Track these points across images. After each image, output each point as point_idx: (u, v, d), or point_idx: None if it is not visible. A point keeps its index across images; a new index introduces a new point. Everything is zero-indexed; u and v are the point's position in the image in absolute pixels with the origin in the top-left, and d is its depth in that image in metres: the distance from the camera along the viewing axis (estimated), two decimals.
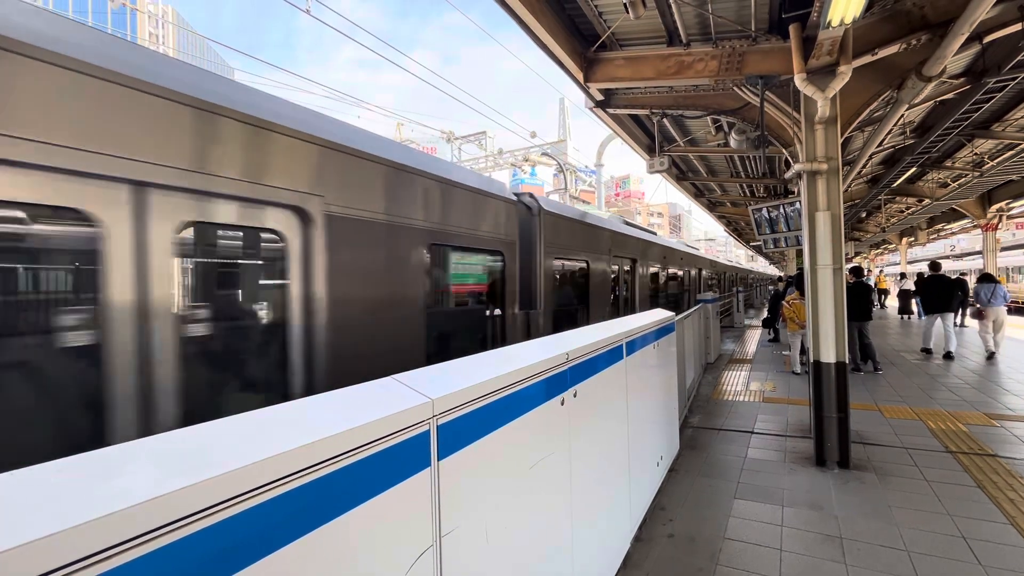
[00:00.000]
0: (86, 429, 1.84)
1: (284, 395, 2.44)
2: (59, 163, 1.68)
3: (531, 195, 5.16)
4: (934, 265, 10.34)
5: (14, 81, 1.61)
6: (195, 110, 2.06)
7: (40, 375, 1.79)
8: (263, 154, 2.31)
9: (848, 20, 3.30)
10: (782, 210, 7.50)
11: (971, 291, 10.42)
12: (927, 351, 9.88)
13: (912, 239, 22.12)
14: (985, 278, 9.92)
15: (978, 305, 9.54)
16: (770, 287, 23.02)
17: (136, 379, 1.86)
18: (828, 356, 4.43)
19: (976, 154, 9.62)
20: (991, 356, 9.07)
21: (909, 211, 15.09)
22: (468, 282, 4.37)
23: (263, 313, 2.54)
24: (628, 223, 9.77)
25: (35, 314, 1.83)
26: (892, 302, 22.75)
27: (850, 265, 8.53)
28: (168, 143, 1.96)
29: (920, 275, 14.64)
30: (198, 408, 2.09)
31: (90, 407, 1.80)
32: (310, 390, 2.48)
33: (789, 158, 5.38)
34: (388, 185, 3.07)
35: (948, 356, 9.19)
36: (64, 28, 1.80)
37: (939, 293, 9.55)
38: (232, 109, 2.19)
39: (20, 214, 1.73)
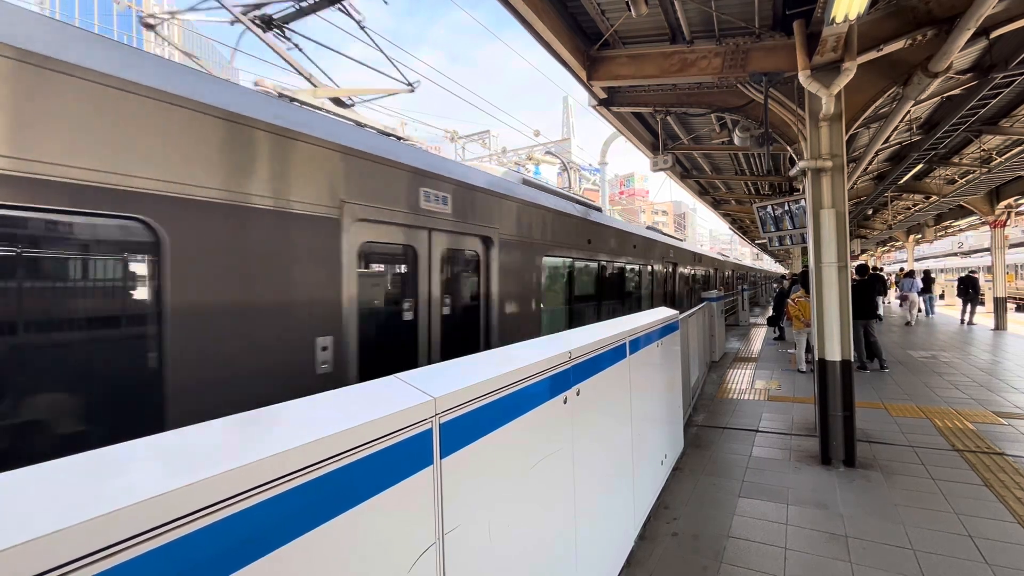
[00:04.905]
0: None
1: None
2: None
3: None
4: (873, 266, 17.46)
5: None
6: None
7: None
8: None
9: (852, 16, 3.27)
10: (787, 208, 7.47)
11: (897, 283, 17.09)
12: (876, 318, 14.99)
13: (919, 236, 21.92)
14: (907, 274, 15.56)
15: (902, 292, 15.40)
16: (774, 284, 22.95)
17: None
18: (833, 354, 4.40)
19: (984, 150, 9.52)
20: (909, 324, 14.34)
21: (916, 208, 15.02)
22: None
23: None
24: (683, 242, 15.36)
25: None
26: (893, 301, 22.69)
27: (856, 263, 8.81)
28: None
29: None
30: None
31: None
32: None
33: (794, 155, 5.34)
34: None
35: (878, 318, 14.74)
36: None
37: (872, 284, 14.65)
38: None
39: None
